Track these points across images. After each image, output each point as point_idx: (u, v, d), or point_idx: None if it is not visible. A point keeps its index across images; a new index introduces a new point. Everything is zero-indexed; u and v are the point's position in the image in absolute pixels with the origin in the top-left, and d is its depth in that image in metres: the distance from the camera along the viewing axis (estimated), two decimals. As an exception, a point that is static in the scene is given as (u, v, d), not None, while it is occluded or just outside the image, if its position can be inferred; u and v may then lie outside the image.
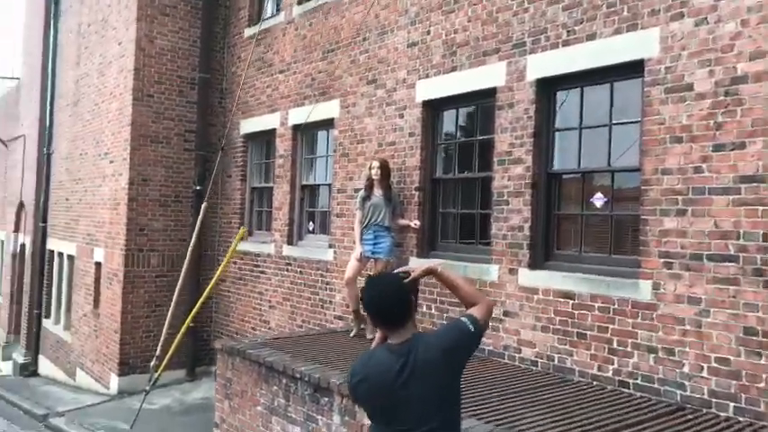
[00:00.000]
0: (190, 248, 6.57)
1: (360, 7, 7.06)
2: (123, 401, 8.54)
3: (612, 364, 4.46)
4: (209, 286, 6.78)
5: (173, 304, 6.72)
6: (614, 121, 4.78)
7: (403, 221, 6.21)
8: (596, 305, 4.59)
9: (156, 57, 9.11)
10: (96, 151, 10.18)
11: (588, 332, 4.62)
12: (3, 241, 16.21)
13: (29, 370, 12.32)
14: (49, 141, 12.41)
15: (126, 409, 8.01)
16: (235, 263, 9.19)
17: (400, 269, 2.50)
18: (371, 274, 6.05)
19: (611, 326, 4.49)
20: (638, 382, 4.29)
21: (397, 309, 2.25)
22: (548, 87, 5.17)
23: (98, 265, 9.80)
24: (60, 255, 11.69)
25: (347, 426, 4.27)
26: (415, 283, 2.40)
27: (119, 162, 9.25)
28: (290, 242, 8.09)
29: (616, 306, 4.46)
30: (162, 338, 6.78)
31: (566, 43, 4.94)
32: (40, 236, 12.33)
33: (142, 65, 8.98)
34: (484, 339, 5.35)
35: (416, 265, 2.88)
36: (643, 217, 4.36)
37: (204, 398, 8.11)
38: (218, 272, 6.92)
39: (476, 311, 2.33)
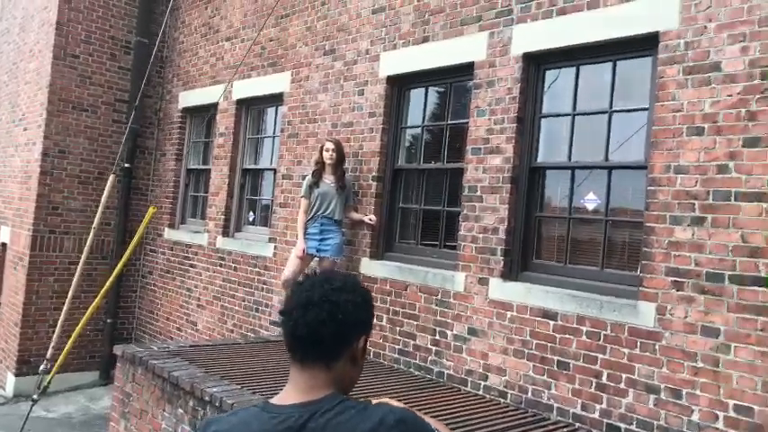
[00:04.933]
0: (92, 231, 5.47)
1: (321, -34, 6.10)
2: (19, 406, 7.31)
3: (601, 402, 3.62)
4: (112, 276, 5.70)
5: (69, 296, 5.61)
6: (616, 108, 3.97)
7: (356, 215, 5.28)
8: (584, 329, 3.75)
9: (85, 12, 7.92)
10: (11, 117, 8.88)
11: (572, 361, 3.78)
12: None
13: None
14: (-36, 105, 10.95)
15: (19, 417, 6.79)
16: (163, 253, 8.09)
17: None
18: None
19: (600, 355, 3.65)
20: (632, 427, 3.47)
21: (340, 326, 1.22)
22: (536, 64, 4.33)
23: (3, 246, 8.52)
24: (-33, 233, 10.28)
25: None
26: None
27: (33, 129, 8.00)
28: (225, 233, 7.05)
29: (609, 332, 3.63)
30: (55, 337, 5.65)
31: (561, 12, 4.10)
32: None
33: (67, 19, 7.77)
34: (442, 361, 4.47)
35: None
36: (648, 224, 3.55)
37: (113, 408, 6.98)
38: (122, 260, 5.83)
39: None
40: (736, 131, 3.25)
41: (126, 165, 8.11)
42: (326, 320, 1.20)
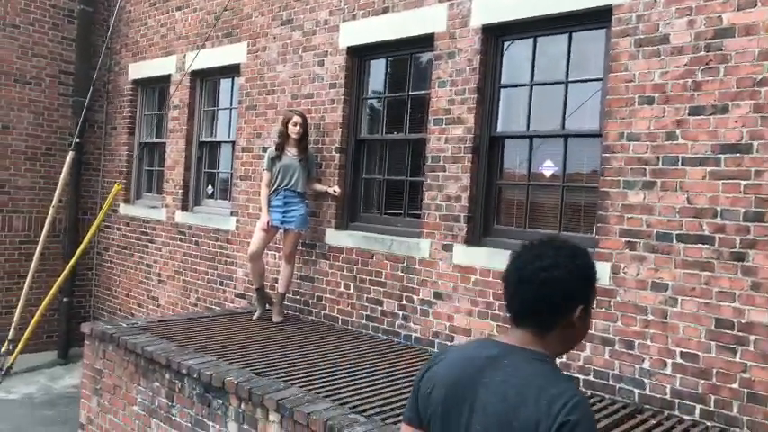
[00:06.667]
0: (51, 209, 5.38)
1: (275, -66, 6.00)
2: (-24, 390, 7.15)
3: (560, 356, 3.87)
4: (77, 254, 5.62)
5: (29, 276, 5.51)
6: (572, 78, 4.14)
7: (320, 187, 5.35)
8: (544, 289, 3.97)
9: (24, -21, 7.56)
10: (-53, 91, 8.43)
11: (533, 320, 4.01)
12: None
13: None
14: None
15: (-22, 401, 6.68)
16: (119, 229, 7.96)
17: None
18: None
19: (560, 313, 3.89)
20: (590, 378, 3.74)
21: (551, 303, 1.31)
22: (495, 36, 4.45)
23: (-53, 227, 8.18)
24: None
25: (246, 435, 3.43)
26: None
27: (-27, 104, 7.66)
28: (184, 208, 6.99)
29: (567, 291, 3.87)
30: (16, 317, 5.56)
31: (520, -16, 4.22)
32: None
33: (4, -13, 7.41)
34: (409, 324, 4.65)
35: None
36: (603, 189, 3.77)
37: (76, 386, 6.91)
38: (86, 238, 5.75)
39: None
40: (683, 101, 3.47)
41: (76, 140, 7.86)
42: (538, 298, 1.31)
